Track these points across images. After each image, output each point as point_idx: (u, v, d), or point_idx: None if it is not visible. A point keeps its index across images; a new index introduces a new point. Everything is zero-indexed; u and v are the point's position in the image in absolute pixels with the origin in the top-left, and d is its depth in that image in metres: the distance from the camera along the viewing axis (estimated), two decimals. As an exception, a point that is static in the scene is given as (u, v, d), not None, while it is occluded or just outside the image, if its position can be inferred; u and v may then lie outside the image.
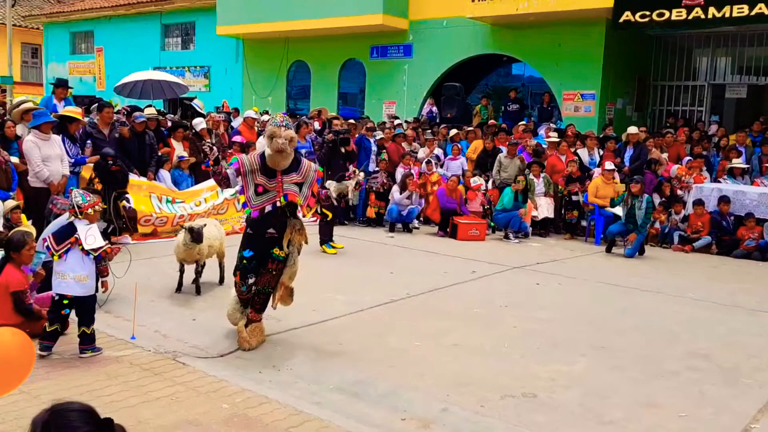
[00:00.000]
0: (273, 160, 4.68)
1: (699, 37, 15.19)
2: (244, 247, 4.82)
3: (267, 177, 4.70)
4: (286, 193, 4.70)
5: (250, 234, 4.82)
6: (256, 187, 4.70)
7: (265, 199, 4.71)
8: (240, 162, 4.76)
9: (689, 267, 8.81)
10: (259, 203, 4.71)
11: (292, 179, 4.76)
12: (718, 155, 11.83)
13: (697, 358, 5.05)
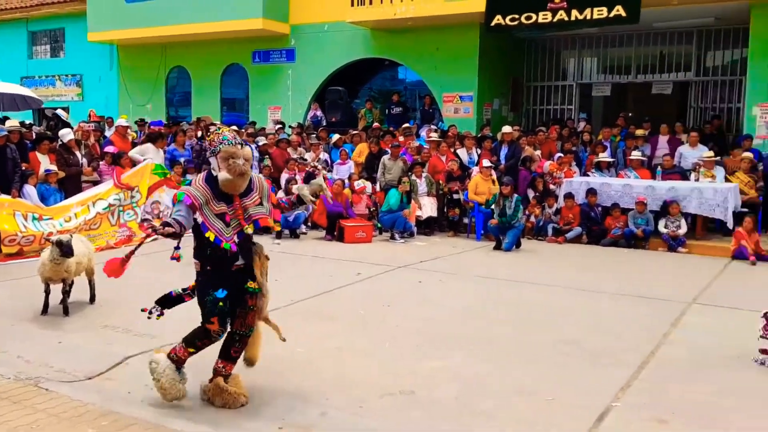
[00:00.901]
0: (232, 184, 3.96)
1: (566, 40, 16.07)
2: (213, 286, 4.00)
3: (225, 203, 4.01)
4: (256, 219, 4.10)
5: (214, 270, 4.03)
6: (222, 216, 3.98)
7: (234, 229, 4.02)
8: (191, 196, 3.93)
9: (562, 257, 9.30)
10: (231, 235, 3.99)
11: (253, 200, 4.11)
12: (586, 150, 12.55)
13: (566, 344, 5.32)
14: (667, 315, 6.18)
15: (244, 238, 4.06)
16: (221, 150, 3.92)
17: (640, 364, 4.86)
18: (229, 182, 3.95)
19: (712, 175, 10.77)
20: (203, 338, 4.07)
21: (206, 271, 4.05)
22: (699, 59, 14.76)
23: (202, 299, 4.06)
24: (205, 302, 4.03)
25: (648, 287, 7.35)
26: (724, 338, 5.48)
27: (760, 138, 11.97)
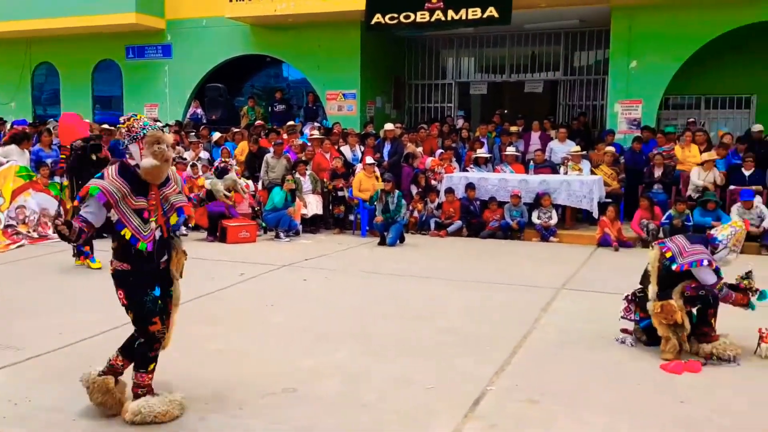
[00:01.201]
0: (157, 171, 3.72)
1: (445, 39, 16.56)
2: (145, 285, 3.79)
3: (143, 197, 3.75)
4: (179, 207, 3.91)
5: (137, 272, 3.77)
6: (140, 212, 3.71)
7: (153, 225, 3.77)
8: (106, 192, 3.62)
9: (444, 250, 9.59)
10: (150, 232, 3.75)
11: (172, 189, 3.90)
12: (465, 147, 13.00)
13: (446, 334, 5.50)
14: (539, 301, 6.53)
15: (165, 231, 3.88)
16: (146, 135, 3.70)
17: (513, 349, 5.11)
18: (155, 169, 3.71)
19: (579, 168, 11.47)
20: (152, 345, 3.85)
21: (138, 271, 3.79)
22: (567, 59, 15.68)
23: (138, 301, 3.79)
24: (143, 303, 3.79)
25: (522, 276, 7.73)
26: (590, 321, 5.86)
27: (622, 133, 12.88)
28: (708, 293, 4.97)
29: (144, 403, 3.78)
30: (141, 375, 3.87)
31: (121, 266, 3.79)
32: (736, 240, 5.03)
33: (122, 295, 3.81)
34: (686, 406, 4.09)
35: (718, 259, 4.97)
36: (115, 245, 3.80)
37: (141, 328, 3.82)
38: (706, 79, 13.92)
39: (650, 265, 5.15)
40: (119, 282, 3.81)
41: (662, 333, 4.93)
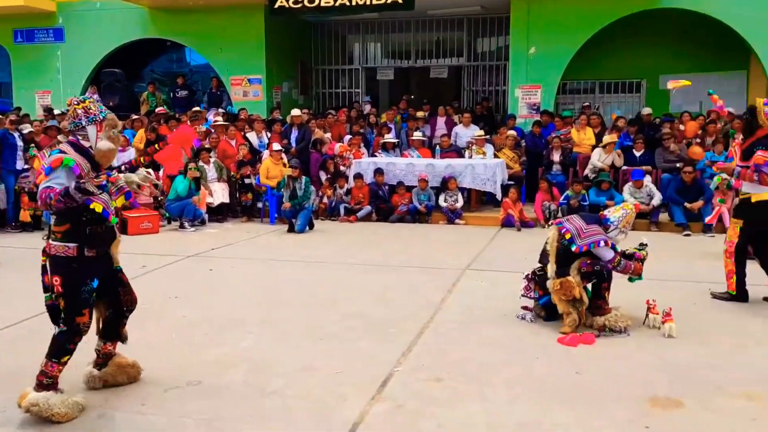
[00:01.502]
0: (111, 155, 3.78)
1: (351, 24, 16.51)
2: (86, 275, 3.71)
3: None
4: (128, 191, 3.90)
5: (92, 257, 3.72)
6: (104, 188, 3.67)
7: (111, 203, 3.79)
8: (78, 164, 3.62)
9: (353, 235, 9.62)
10: (113, 208, 3.78)
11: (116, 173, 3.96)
12: (373, 132, 13.06)
13: (354, 318, 5.53)
14: (445, 282, 6.68)
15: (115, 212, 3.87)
16: (106, 118, 3.78)
17: (420, 330, 5.20)
18: (111, 152, 3.77)
19: (483, 152, 11.76)
20: (73, 337, 3.73)
21: (83, 257, 3.69)
22: (470, 45, 15.99)
23: (74, 290, 3.68)
24: (79, 293, 3.69)
25: (429, 258, 7.88)
26: (493, 299, 6.05)
27: (522, 117, 13.30)
28: (602, 268, 5.24)
29: (44, 398, 3.64)
30: (52, 364, 3.73)
31: (65, 251, 3.67)
32: (626, 222, 5.35)
33: (59, 282, 3.69)
34: (581, 376, 4.30)
35: (610, 238, 5.26)
36: (66, 227, 3.67)
37: (69, 318, 3.71)
38: (600, 65, 14.59)
39: (549, 244, 5.37)
40: (59, 267, 3.70)
41: (562, 309, 5.16)
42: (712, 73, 14.27)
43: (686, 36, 13.97)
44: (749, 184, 5.84)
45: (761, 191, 5.79)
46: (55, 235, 3.70)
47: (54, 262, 3.71)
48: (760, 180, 5.72)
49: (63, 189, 3.51)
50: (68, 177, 3.57)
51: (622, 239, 5.40)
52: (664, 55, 14.41)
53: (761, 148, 5.74)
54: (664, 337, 4.99)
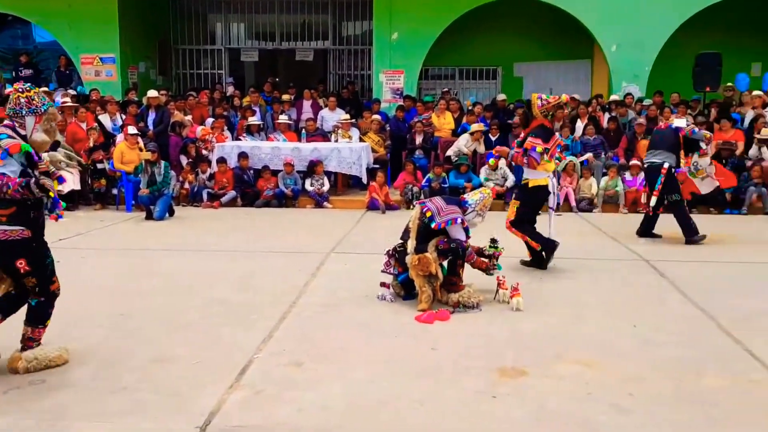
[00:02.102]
0: (44, 147, 3.93)
1: (212, 3, 15.98)
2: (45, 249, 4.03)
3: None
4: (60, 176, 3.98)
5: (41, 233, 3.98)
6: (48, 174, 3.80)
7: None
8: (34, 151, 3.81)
9: (217, 221, 9.39)
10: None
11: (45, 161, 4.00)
12: (237, 115, 12.75)
13: (214, 305, 5.42)
14: (309, 266, 6.69)
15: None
16: (47, 111, 3.90)
17: (282, 315, 5.19)
18: (44, 144, 3.92)
19: (349, 136, 11.86)
20: (52, 301, 4.11)
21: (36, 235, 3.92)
22: (335, 29, 16.00)
23: (42, 264, 3.98)
24: (46, 266, 4.01)
25: (295, 242, 7.86)
26: (356, 280, 6.14)
27: (387, 102, 13.54)
28: (458, 246, 5.48)
29: (39, 351, 4.03)
30: (38, 330, 4.08)
31: (21, 234, 3.81)
32: (483, 205, 5.67)
33: (24, 262, 3.88)
34: (436, 352, 4.49)
35: (468, 219, 5.53)
36: (12, 210, 3.75)
37: (44, 289, 4.02)
38: (460, 52, 15.13)
39: (411, 222, 5.55)
40: (21, 250, 3.85)
41: (419, 284, 5.35)
42: (560, 61, 15.25)
43: (537, 25, 14.80)
44: (529, 171, 6.52)
45: (538, 177, 6.50)
46: (0, 218, 3.76)
47: (14, 246, 3.81)
48: (528, 163, 6.44)
49: (23, 180, 3.65)
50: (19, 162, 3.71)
51: (479, 222, 5.70)
52: (518, 43, 15.20)
53: (533, 136, 6.48)
54: (513, 311, 5.30)
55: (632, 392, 3.81)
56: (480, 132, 11.41)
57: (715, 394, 3.80)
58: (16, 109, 3.85)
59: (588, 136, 11.55)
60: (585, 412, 3.57)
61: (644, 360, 4.30)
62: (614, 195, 10.49)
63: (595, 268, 6.76)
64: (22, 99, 3.86)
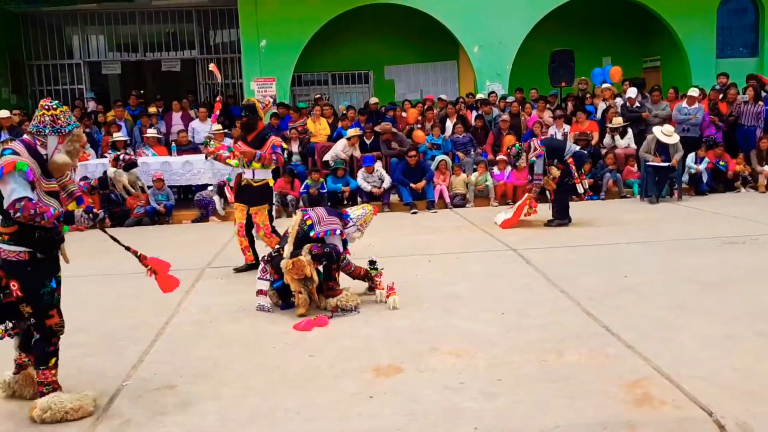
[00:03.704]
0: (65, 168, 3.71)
1: (67, 16, 15.14)
2: (43, 276, 3.66)
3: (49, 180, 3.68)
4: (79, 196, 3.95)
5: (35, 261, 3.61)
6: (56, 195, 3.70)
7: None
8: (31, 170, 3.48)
9: (83, 244, 8.83)
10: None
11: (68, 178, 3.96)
12: (101, 131, 12.14)
13: (78, 334, 5.09)
14: (183, 283, 6.42)
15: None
16: (73, 132, 3.68)
17: (154, 338, 5.00)
18: (65, 166, 3.70)
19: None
20: (50, 339, 3.74)
21: (36, 259, 3.61)
22: (202, 37, 15.61)
23: (36, 293, 3.65)
24: (41, 296, 3.66)
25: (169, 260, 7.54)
26: (231, 294, 6.03)
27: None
28: (332, 251, 5.50)
29: (54, 398, 3.66)
30: (43, 372, 3.74)
31: (17, 255, 3.58)
32: (364, 221, 5.80)
33: (17, 286, 3.62)
34: (314, 358, 4.48)
35: (347, 232, 5.64)
36: (14, 229, 3.53)
37: (38, 323, 3.70)
38: (332, 57, 15.20)
39: (291, 227, 5.54)
40: (14, 271, 3.61)
41: (294, 288, 5.35)
42: (429, 63, 15.70)
43: (405, 29, 15.16)
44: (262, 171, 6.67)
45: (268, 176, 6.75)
46: (2, 237, 3.57)
47: (7, 266, 3.61)
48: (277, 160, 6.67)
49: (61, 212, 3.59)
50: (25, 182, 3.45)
51: (358, 237, 5.82)
52: (387, 47, 15.49)
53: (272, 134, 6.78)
54: (390, 310, 5.40)
55: (500, 377, 3.99)
56: (356, 138, 11.52)
57: (574, 370, 4.05)
58: (39, 127, 3.62)
59: (457, 134, 11.95)
60: (456, 401, 3.69)
61: (511, 345, 4.51)
62: (484, 189, 10.93)
63: (467, 261, 7.01)
64: (47, 117, 3.63)
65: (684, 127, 11.54)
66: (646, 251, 7.17)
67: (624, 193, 11.11)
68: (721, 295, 5.45)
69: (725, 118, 12.09)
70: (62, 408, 3.63)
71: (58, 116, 3.67)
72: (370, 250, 6.99)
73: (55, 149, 3.64)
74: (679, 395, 3.63)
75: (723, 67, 13.94)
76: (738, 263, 6.46)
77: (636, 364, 4.10)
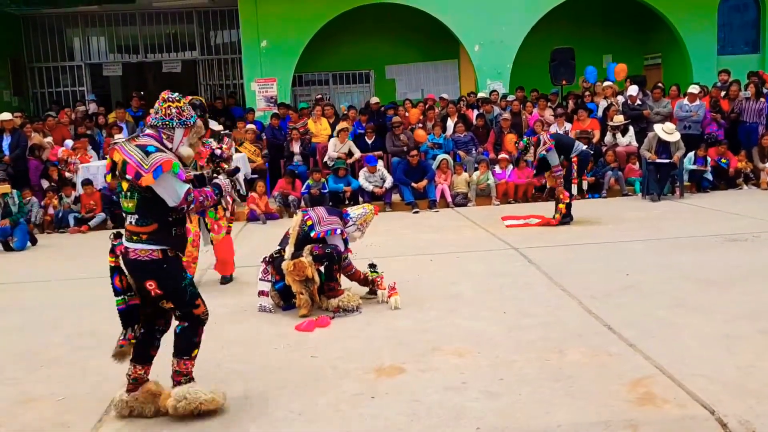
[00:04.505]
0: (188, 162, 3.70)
1: (68, 17, 15.15)
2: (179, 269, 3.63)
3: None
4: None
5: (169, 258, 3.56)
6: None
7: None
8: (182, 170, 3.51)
9: (85, 247, 8.90)
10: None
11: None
12: (102, 133, 12.17)
13: (82, 337, 5.14)
14: (185, 285, 6.48)
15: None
16: (196, 125, 3.64)
17: (156, 339, 5.00)
18: (188, 160, 3.68)
19: (223, 147, 11.58)
20: (197, 329, 3.70)
21: (168, 256, 3.54)
22: (203, 39, 15.62)
23: (178, 287, 3.59)
24: (184, 288, 3.60)
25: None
26: (234, 295, 6.05)
27: (261, 110, 13.38)
28: (333, 251, 5.51)
29: (190, 388, 3.60)
30: (184, 362, 3.68)
31: (150, 254, 3.49)
32: (364, 220, 5.74)
33: (154, 285, 3.54)
34: (316, 359, 4.48)
35: (347, 232, 5.62)
36: (153, 227, 3.46)
37: (185, 314, 3.66)
38: (332, 57, 15.21)
39: (292, 228, 5.53)
40: (149, 271, 3.52)
41: (296, 289, 5.35)
42: (429, 62, 15.70)
43: (406, 28, 15.16)
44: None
45: None
46: (140, 236, 3.47)
47: (140, 267, 3.52)
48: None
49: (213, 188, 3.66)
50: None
51: (359, 237, 5.77)
52: (388, 46, 15.50)
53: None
54: (391, 310, 5.40)
55: (502, 377, 3.99)
56: (345, 132, 11.51)
57: (576, 369, 4.05)
58: (165, 120, 3.53)
59: (459, 133, 11.95)
60: (458, 401, 3.69)
61: (513, 344, 4.51)
62: (486, 188, 10.92)
63: (469, 260, 7.01)
64: (173, 109, 3.54)
65: (685, 125, 11.53)
66: (647, 249, 7.16)
67: (625, 191, 11.09)
68: (723, 293, 5.45)
69: (727, 116, 12.08)
70: (197, 398, 3.58)
71: (183, 108, 3.59)
72: (372, 250, 6.99)
73: (180, 142, 3.59)
74: (682, 394, 3.63)
75: (724, 64, 13.92)
76: (740, 261, 6.46)
77: (638, 362, 4.10)
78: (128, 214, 3.54)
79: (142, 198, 3.45)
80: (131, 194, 3.48)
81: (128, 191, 3.49)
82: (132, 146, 3.47)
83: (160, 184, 3.40)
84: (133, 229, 3.50)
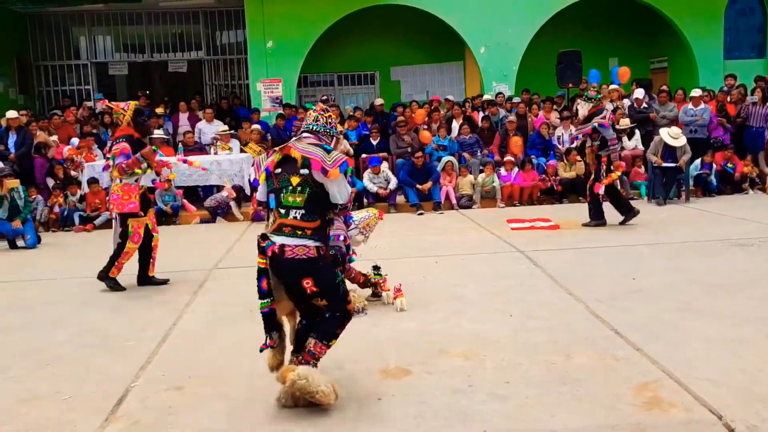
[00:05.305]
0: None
1: (74, 16, 15.19)
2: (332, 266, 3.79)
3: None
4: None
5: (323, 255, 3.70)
6: None
7: None
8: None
9: (90, 245, 8.92)
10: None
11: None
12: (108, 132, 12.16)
13: (86, 335, 5.14)
14: (190, 285, 6.49)
15: None
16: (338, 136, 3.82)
17: (162, 338, 5.00)
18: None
19: (229, 147, 11.62)
20: (344, 322, 3.73)
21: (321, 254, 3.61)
22: (208, 39, 15.64)
23: (333, 284, 3.66)
24: (338, 285, 3.68)
25: (175, 262, 7.58)
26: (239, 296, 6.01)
27: (267, 111, 13.39)
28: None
29: (315, 372, 3.56)
30: (320, 346, 3.68)
31: (306, 252, 3.54)
32: (367, 224, 5.70)
33: (311, 283, 3.55)
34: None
35: (350, 236, 5.57)
36: (317, 223, 3.59)
37: (338, 308, 3.67)
38: (338, 58, 15.21)
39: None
40: (307, 269, 3.55)
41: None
42: (435, 64, 15.69)
43: (411, 30, 15.14)
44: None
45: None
46: (305, 231, 3.53)
47: (298, 265, 3.53)
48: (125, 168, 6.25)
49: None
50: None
51: (361, 241, 5.72)
52: (393, 47, 15.49)
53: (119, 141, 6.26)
54: (397, 312, 5.39)
55: (509, 380, 3.98)
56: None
57: (582, 372, 4.03)
58: (327, 128, 3.74)
59: (464, 135, 11.94)
60: (465, 404, 3.68)
61: (520, 347, 4.50)
62: (491, 190, 10.91)
63: (474, 262, 7.00)
64: (333, 118, 3.79)
65: (691, 129, 11.50)
66: (653, 253, 7.14)
67: (631, 195, 11.06)
68: (730, 297, 5.43)
69: (733, 120, 12.04)
70: (317, 384, 3.52)
71: (334, 118, 3.81)
72: (376, 252, 6.98)
73: (334, 148, 3.74)
74: (689, 398, 3.61)
75: (730, 69, 13.89)
76: (746, 265, 6.44)
77: (645, 366, 4.08)
78: (292, 209, 3.57)
79: (313, 193, 3.55)
80: (302, 189, 3.55)
81: (299, 185, 3.56)
82: (307, 145, 3.63)
83: (337, 181, 3.57)
84: (298, 224, 3.56)
